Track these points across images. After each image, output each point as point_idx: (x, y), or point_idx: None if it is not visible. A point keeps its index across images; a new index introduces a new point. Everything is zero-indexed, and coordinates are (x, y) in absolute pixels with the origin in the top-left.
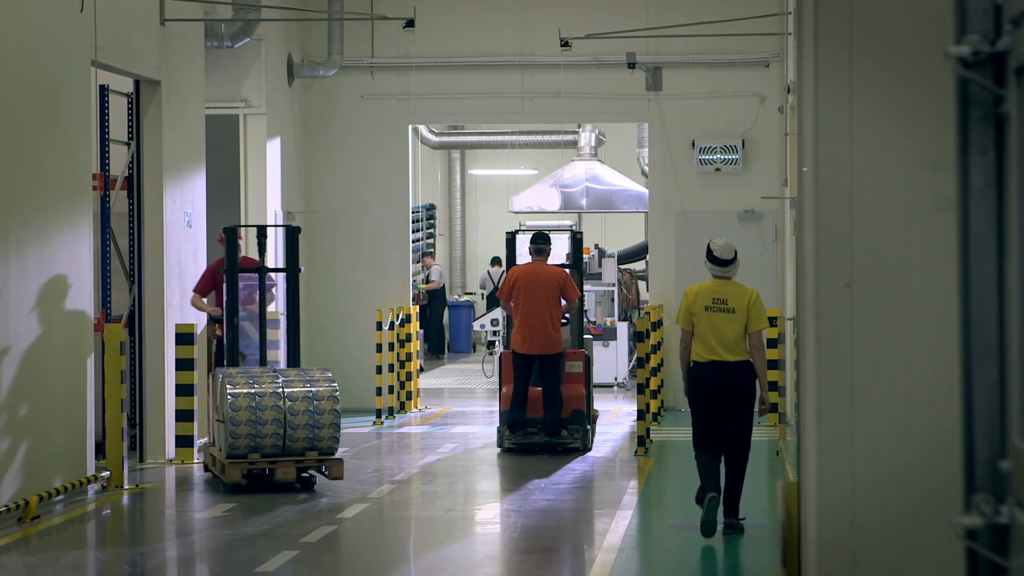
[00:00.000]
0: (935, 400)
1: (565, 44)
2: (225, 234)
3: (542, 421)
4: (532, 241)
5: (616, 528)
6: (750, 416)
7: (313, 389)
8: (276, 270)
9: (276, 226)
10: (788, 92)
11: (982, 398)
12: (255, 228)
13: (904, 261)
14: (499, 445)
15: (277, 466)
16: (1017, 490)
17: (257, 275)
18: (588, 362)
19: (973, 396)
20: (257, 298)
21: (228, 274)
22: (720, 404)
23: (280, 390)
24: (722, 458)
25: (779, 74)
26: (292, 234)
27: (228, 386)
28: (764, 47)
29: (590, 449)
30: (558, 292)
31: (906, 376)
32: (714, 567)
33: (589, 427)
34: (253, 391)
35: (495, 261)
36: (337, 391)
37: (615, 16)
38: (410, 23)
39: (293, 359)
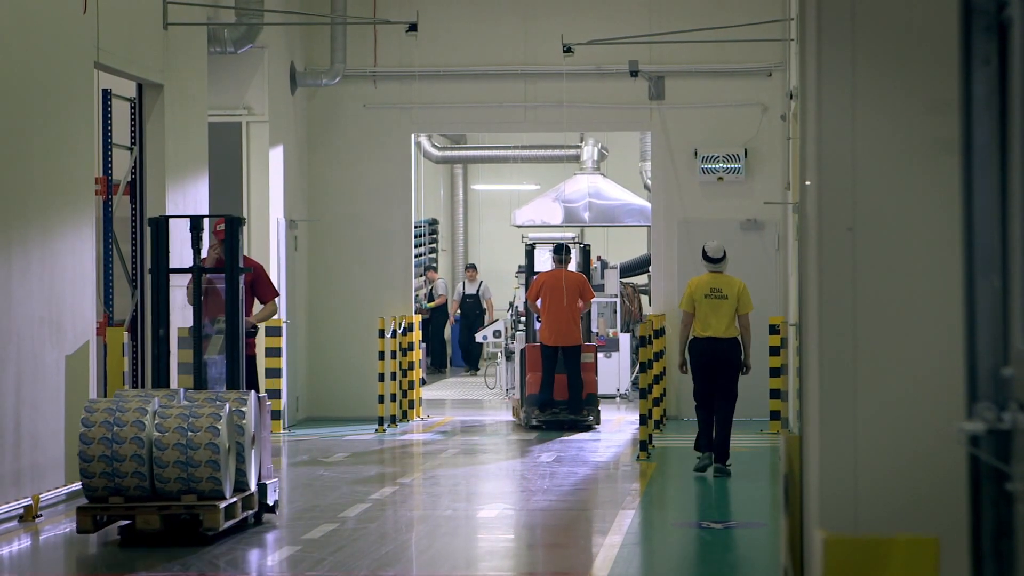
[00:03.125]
0: (938, 340)
1: (568, 50)
2: (151, 226)
3: (567, 402)
4: (554, 251)
5: (619, 526)
6: (735, 381)
7: (190, 418)
8: (212, 270)
9: (210, 216)
10: (791, 98)
11: (984, 308)
12: (188, 220)
13: (907, 204)
14: (526, 424)
15: (137, 513)
16: (1019, 393)
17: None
18: (596, 353)
19: (976, 306)
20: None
21: (153, 275)
22: (713, 370)
23: (145, 419)
24: (714, 415)
25: (781, 83)
26: (232, 227)
27: (85, 412)
28: (766, 56)
29: (598, 425)
30: (577, 294)
31: (909, 318)
32: (715, 560)
33: (600, 408)
34: (111, 420)
35: (470, 268)
36: (219, 421)
37: (618, 24)
38: (413, 27)
39: (232, 379)
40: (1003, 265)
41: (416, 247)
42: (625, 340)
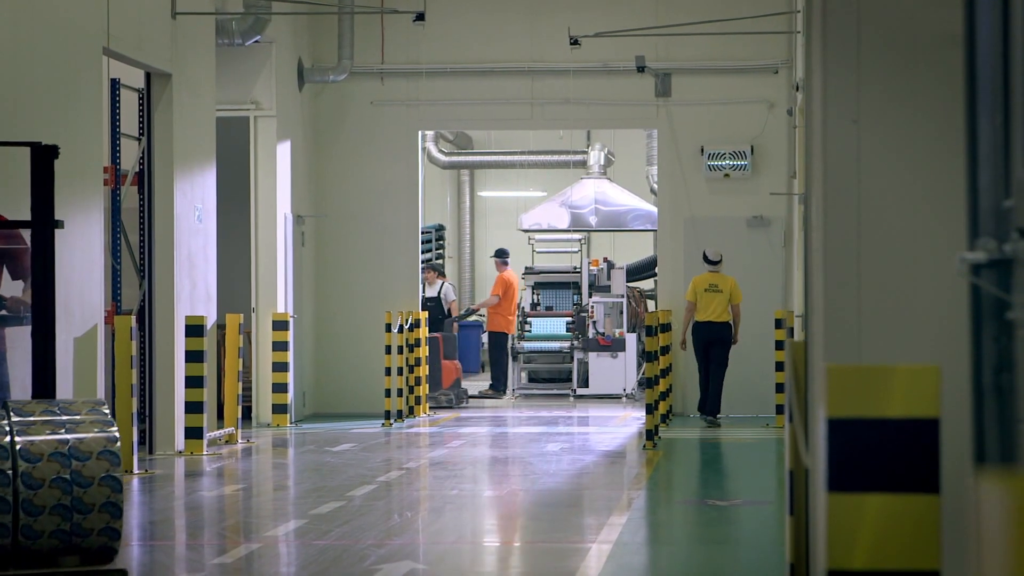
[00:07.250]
0: (941, 176)
1: (575, 43)
2: None
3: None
4: (501, 255)
5: (624, 503)
6: (727, 353)
7: (69, 438)
8: (13, 223)
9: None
10: (797, 90)
11: (986, 145)
12: None
13: (911, 96)
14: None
15: None
16: (1020, 221)
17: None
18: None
19: (978, 143)
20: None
21: None
22: (710, 346)
23: (4, 441)
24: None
25: (787, 80)
26: (42, 159)
27: None
28: (772, 53)
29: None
30: None
31: (912, 206)
32: (719, 532)
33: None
34: None
35: (428, 269)
36: (115, 444)
37: (624, 21)
38: (420, 16)
39: (41, 386)
40: (1005, 101)
41: (423, 253)
42: (631, 340)
